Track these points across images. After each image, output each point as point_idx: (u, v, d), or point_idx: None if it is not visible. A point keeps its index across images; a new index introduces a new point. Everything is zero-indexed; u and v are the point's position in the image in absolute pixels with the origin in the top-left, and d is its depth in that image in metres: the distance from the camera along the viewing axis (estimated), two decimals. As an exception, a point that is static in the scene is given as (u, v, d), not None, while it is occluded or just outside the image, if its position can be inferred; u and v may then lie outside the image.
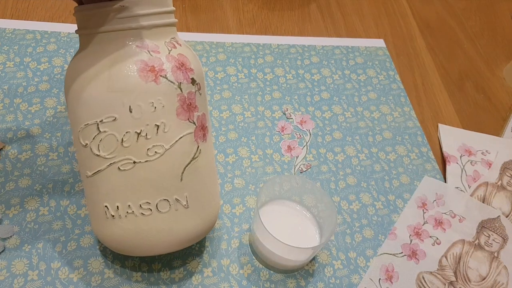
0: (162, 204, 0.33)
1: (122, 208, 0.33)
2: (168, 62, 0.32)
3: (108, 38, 0.31)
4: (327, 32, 0.66)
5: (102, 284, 0.38)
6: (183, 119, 0.33)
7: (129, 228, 0.33)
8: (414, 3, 0.74)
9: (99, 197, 0.33)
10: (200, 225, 0.35)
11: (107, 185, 0.33)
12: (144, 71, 0.31)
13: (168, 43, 0.33)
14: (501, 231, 0.47)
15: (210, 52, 0.59)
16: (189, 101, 0.33)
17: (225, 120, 0.52)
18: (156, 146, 0.32)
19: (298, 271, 0.42)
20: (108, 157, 0.32)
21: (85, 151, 0.33)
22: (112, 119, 0.31)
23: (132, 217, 0.33)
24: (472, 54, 0.68)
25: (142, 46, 0.32)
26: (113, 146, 0.32)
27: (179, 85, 0.32)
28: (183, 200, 0.34)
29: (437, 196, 0.49)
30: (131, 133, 0.31)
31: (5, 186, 0.42)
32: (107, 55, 0.31)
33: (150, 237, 0.33)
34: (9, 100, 0.49)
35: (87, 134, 0.32)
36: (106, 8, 0.31)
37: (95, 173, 0.33)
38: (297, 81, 0.58)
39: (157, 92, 0.31)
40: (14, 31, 0.55)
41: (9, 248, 0.39)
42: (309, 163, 0.50)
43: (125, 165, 0.32)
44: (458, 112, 0.60)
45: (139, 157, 0.32)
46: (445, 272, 0.44)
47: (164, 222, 0.33)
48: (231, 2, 0.66)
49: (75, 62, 0.33)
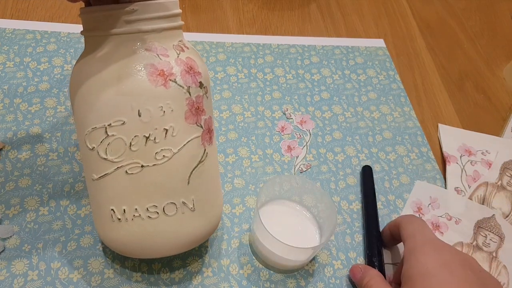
0: (169, 207, 0.33)
1: (129, 211, 0.32)
2: (177, 66, 0.32)
3: (116, 41, 0.31)
4: (327, 32, 0.66)
5: (102, 284, 0.38)
6: (191, 123, 0.32)
7: (136, 231, 0.33)
8: (414, 3, 0.74)
9: (105, 200, 0.33)
10: (205, 227, 0.35)
11: (114, 189, 0.32)
12: (154, 75, 0.31)
13: (176, 46, 0.33)
14: (497, 230, 0.47)
15: (210, 52, 0.59)
16: (197, 104, 0.33)
17: (225, 120, 0.52)
18: (164, 150, 0.32)
19: (298, 271, 0.42)
20: (116, 161, 0.32)
21: (92, 155, 0.32)
22: (120, 123, 0.31)
23: (138, 220, 0.33)
24: (472, 54, 0.68)
25: (151, 50, 0.31)
26: (121, 150, 0.31)
27: (188, 89, 0.32)
28: (189, 203, 0.33)
29: (431, 199, 0.49)
30: (139, 137, 0.31)
31: (5, 186, 0.42)
32: (116, 58, 0.31)
33: (156, 240, 0.33)
34: (9, 100, 0.49)
35: (95, 137, 0.32)
36: (116, 11, 0.31)
37: (102, 176, 0.32)
38: (297, 81, 0.58)
39: (166, 97, 0.31)
40: (14, 31, 0.55)
41: (9, 248, 0.39)
42: (309, 163, 0.50)
43: (133, 169, 0.32)
44: (458, 112, 0.60)
45: (147, 161, 0.32)
46: None
47: (171, 225, 0.33)
48: (231, 2, 0.66)
49: (81, 64, 0.32)
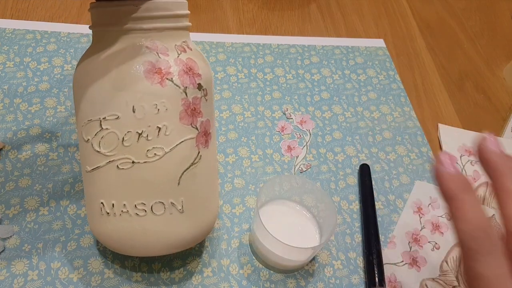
0: (157, 206, 0.33)
1: (117, 206, 0.33)
2: (176, 65, 0.32)
3: (120, 37, 0.31)
4: (327, 32, 0.66)
5: (102, 284, 0.38)
6: (185, 124, 0.32)
7: (123, 226, 0.33)
8: (414, 3, 0.74)
9: (96, 193, 0.33)
10: (193, 230, 0.35)
11: (105, 182, 0.33)
12: (151, 72, 0.31)
13: (178, 47, 0.33)
14: None
15: (210, 52, 0.59)
16: (193, 106, 0.33)
17: (225, 120, 0.52)
18: (156, 148, 0.32)
19: (298, 271, 0.42)
20: (108, 155, 0.32)
21: (87, 146, 0.33)
22: (115, 117, 0.31)
23: (126, 216, 0.33)
24: (472, 54, 0.68)
25: (152, 48, 0.32)
26: (113, 144, 0.32)
27: (185, 89, 0.32)
28: (178, 205, 0.33)
29: (431, 199, 0.49)
30: (132, 132, 0.31)
31: (5, 186, 0.42)
32: (117, 54, 0.31)
33: (142, 238, 0.33)
34: (9, 100, 0.49)
35: (90, 129, 0.32)
36: (121, 7, 0.31)
37: (94, 169, 0.33)
38: (297, 81, 0.58)
39: (161, 95, 0.31)
40: (14, 31, 0.55)
41: (9, 248, 0.39)
42: (309, 163, 0.50)
43: (124, 164, 0.32)
44: (458, 112, 0.60)
45: (138, 158, 0.32)
46: (447, 278, 0.44)
47: (158, 225, 0.33)
48: (231, 2, 0.66)
49: (85, 57, 0.33)
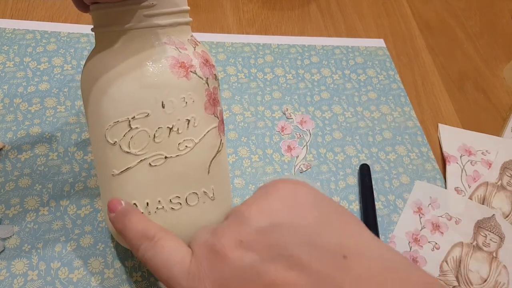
0: (191, 197, 0.33)
1: (152, 204, 0.33)
2: (195, 58, 0.33)
3: (134, 35, 0.31)
4: (327, 32, 0.66)
5: (102, 284, 0.38)
6: (210, 113, 0.33)
7: (159, 223, 0.33)
8: (414, 3, 0.74)
9: (126, 196, 0.33)
10: (223, 215, 0.35)
11: (137, 182, 0.32)
12: (176, 67, 0.31)
13: (190, 41, 0.34)
14: (497, 230, 0.47)
15: (210, 52, 0.59)
16: (214, 95, 0.34)
17: (225, 120, 0.52)
18: (186, 140, 0.32)
19: (298, 271, 0.42)
20: (139, 154, 0.32)
21: (113, 149, 0.32)
22: (144, 115, 0.31)
23: (162, 213, 0.33)
24: (472, 54, 0.68)
25: (170, 43, 0.32)
26: (144, 143, 0.32)
27: (207, 80, 0.33)
28: (210, 192, 0.34)
29: (431, 199, 0.49)
30: (163, 128, 0.31)
31: (5, 186, 0.42)
32: (136, 52, 0.31)
33: (177, 231, 0.33)
34: (9, 100, 0.49)
35: (117, 131, 0.32)
36: (134, 6, 0.31)
37: (124, 171, 0.32)
38: (297, 81, 0.58)
39: (188, 88, 0.32)
40: (14, 31, 0.55)
41: (9, 248, 0.39)
42: (309, 163, 0.50)
43: (156, 161, 0.32)
44: (458, 112, 0.60)
45: (170, 152, 0.32)
46: (447, 278, 0.44)
47: (193, 215, 0.34)
48: (231, 2, 0.66)
49: (96, 60, 0.32)
